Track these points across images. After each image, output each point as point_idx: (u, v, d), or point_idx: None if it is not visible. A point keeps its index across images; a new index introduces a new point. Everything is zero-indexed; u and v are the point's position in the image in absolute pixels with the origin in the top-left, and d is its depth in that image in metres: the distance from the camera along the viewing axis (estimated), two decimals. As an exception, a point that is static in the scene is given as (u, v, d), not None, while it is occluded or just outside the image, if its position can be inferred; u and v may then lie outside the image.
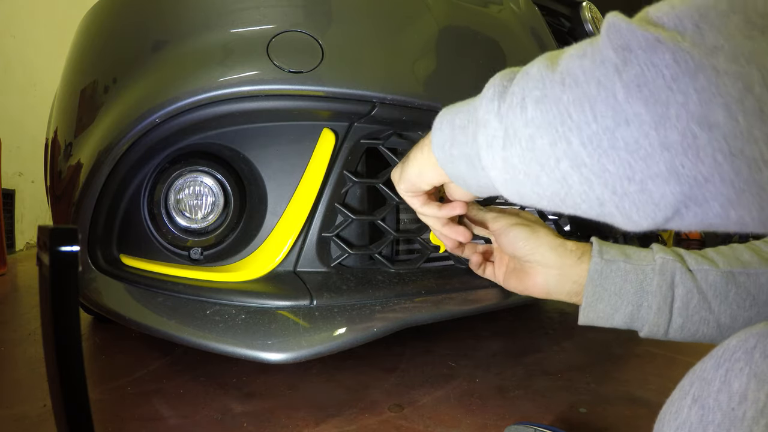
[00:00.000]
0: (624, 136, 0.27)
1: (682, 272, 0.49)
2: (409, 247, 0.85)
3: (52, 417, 0.39)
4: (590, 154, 0.29)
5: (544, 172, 0.32)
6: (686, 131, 0.25)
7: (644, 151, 0.27)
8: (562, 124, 0.30)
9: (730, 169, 0.25)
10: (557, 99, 0.30)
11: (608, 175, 0.29)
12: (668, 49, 0.25)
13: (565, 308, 1.48)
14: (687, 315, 0.48)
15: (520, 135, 0.32)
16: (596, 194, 0.30)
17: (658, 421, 0.33)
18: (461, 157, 0.40)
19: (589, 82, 0.28)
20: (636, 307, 0.50)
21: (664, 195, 0.27)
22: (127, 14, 0.75)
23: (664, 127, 0.26)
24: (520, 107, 0.32)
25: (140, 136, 0.64)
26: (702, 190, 0.26)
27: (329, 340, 0.63)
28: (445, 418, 0.73)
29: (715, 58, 0.24)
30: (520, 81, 0.33)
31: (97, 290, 0.67)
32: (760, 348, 0.28)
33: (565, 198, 0.32)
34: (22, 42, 2.92)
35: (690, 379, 0.31)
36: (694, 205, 0.27)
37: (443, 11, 0.78)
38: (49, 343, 0.37)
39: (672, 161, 0.26)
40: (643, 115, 0.26)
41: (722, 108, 0.24)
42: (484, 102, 0.36)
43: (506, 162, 0.34)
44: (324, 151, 0.71)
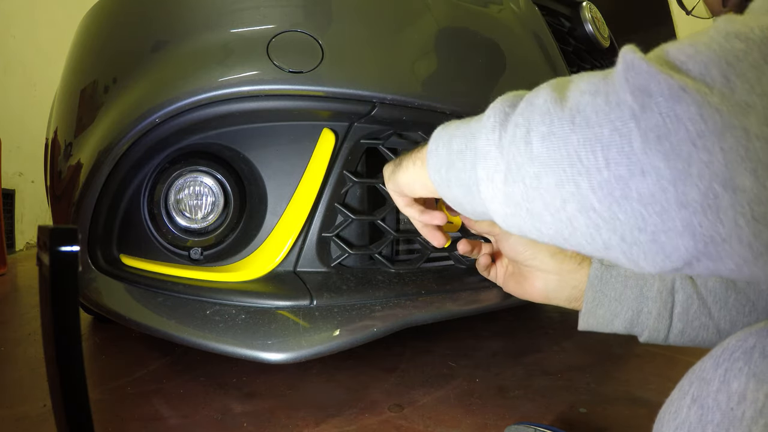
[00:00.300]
0: (639, 187, 0.25)
1: (682, 278, 0.49)
2: (409, 247, 0.85)
3: (52, 417, 0.39)
4: (600, 201, 0.27)
5: (548, 211, 0.30)
6: (708, 191, 0.23)
7: (660, 205, 0.25)
8: (570, 166, 0.28)
9: (750, 233, 0.23)
10: (566, 138, 0.28)
11: (618, 223, 0.27)
12: (694, 102, 0.23)
13: (565, 308, 1.48)
14: (687, 320, 0.49)
15: (524, 172, 0.30)
16: (603, 239, 0.28)
17: (658, 420, 0.33)
18: (458, 183, 0.38)
19: (602, 125, 0.26)
20: (636, 313, 0.51)
21: (677, 248, 0.25)
22: (127, 14, 0.75)
23: (684, 184, 0.24)
24: (525, 142, 0.30)
25: (140, 136, 0.64)
26: (717, 248, 0.24)
27: (329, 340, 0.63)
28: (445, 418, 0.73)
29: (746, 117, 0.22)
30: (525, 111, 0.31)
31: (97, 290, 0.67)
32: (759, 348, 0.28)
33: (569, 238, 0.30)
34: (22, 42, 2.92)
35: (689, 378, 0.31)
36: (706, 259, 0.25)
37: (443, 11, 0.78)
38: (49, 343, 0.37)
39: (689, 219, 0.24)
40: (662, 169, 0.24)
41: (750, 173, 0.22)
42: (485, 131, 0.34)
43: (508, 198, 0.32)
44: (324, 151, 0.71)
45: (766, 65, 0.22)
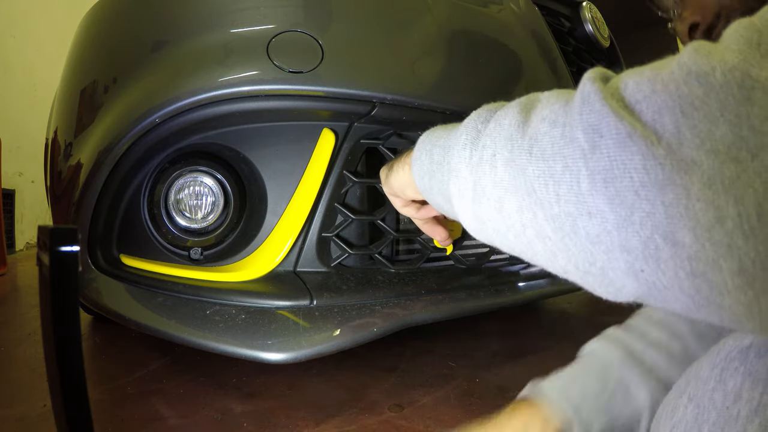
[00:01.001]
0: (585, 226, 0.25)
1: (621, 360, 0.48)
2: (409, 247, 0.85)
3: (52, 417, 0.39)
4: (554, 231, 0.27)
5: (511, 233, 0.31)
6: (649, 241, 0.23)
7: (605, 246, 0.25)
8: (528, 196, 0.28)
9: (691, 285, 0.23)
10: (524, 168, 0.28)
11: (571, 254, 0.27)
12: (639, 152, 0.23)
13: (565, 308, 1.48)
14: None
15: (489, 195, 0.31)
16: (561, 265, 0.29)
17: (655, 420, 0.34)
18: (439, 192, 0.39)
19: (556, 160, 0.26)
20: None
21: (624, 286, 0.26)
22: (127, 14, 0.75)
23: (626, 231, 0.24)
24: (490, 165, 0.31)
25: (140, 136, 0.64)
26: (661, 294, 0.24)
27: (329, 340, 0.63)
28: (445, 418, 0.73)
29: (689, 176, 0.22)
30: (492, 132, 0.31)
31: (97, 290, 0.67)
32: (754, 348, 0.28)
33: (533, 258, 0.31)
34: (22, 42, 2.92)
35: (686, 378, 0.32)
36: (654, 300, 0.26)
37: (443, 11, 0.78)
38: (49, 343, 0.37)
39: (632, 263, 0.24)
40: (606, 213, 0.24)
41: (689, 231, 0.22)
42: (457, 149, 0.34)
43: (476, 216, 0.33)
44: (324, 151, 0.71)
45: (720, 118, 0.21)
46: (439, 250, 0.80)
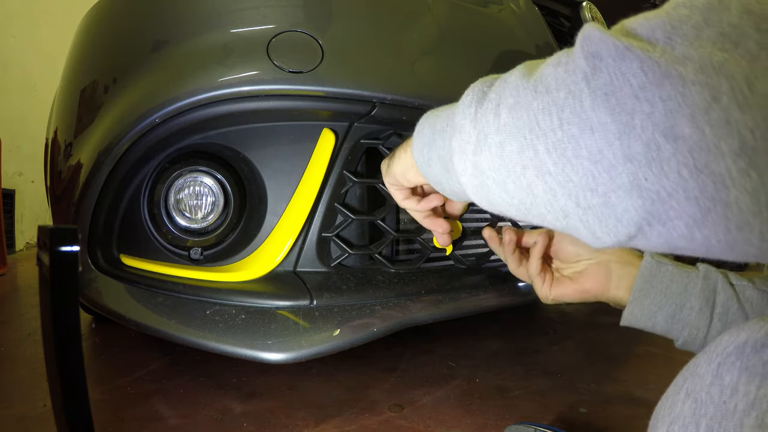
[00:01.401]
0: (588, 144, 0.26)
1: (723, 282, 0.51)
2: (409, 247, 0.85)
3: (52, 417, 0.39)
4: (555, 163, 0.28)
5: (510, 179, 0.32)
6: (651, 142, 0.24)
7: (607, 161, 0.26)
8: (530, 132, 0.29)
9: (695, 185, 0.23)
10: (528, 106, 0.30)
11: (572, 185, 0.28)
12: (637, 58, 0.24)
13: (565, 308, 1.48)
14: (726, 321, 0.50)
15: (491, 141, 0.32)
16: (560, 205, 0.29)
17: (654, 416, 0.34)
18: (437, 160, 0.40)
19: (560, 90, 0.28)
20: (679, 307, 0.52)
21: (627, 210, 0.26)
22: (127, 14, 0.75)
23: (629, 137, 0.25)
24: (494, 114, 0.32)
25: (140, 136, 0.64)
26: (665, 206, 0.25)
27: (329, 340, 0.63)
28: (445, 418, 0.73)
29: (683, 66, 0.23)
30: (498, 88, 0.33)
31: (97, 290, 0.67)
32: (750, 342, 0.28)
33: (531, 207, 0.32)
34: (22, 42, 2.92)
35: (684, 374, 0.32)
36: (657, 223, 0.26)
37: (443, 11, 0.78)
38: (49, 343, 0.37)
39: (635, 173, 0.25)
40: (609, 123, 0.25)
41: (688, 119, 0.23)
42: (462, 107, 0.36)
43: (476, 167, 0.34)
44: (324, 151, 0.71)
45: (705, 26, 0.24)
46: (439, 250, 0.80)
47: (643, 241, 0.28)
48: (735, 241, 0.24)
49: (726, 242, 0.25)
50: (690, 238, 0.25)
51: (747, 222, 0.23)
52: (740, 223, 0.24)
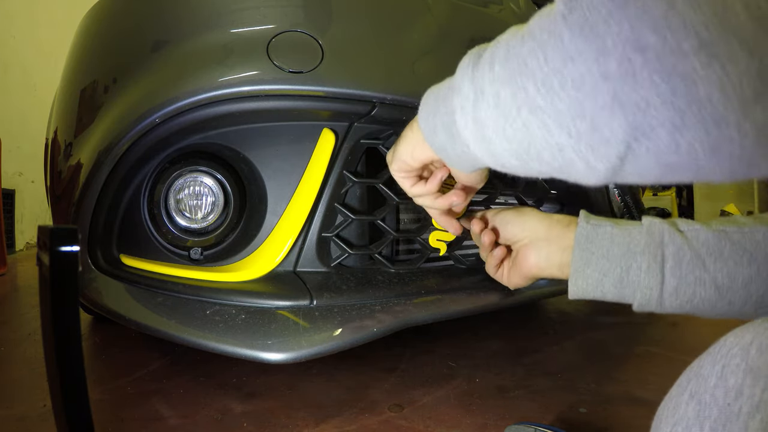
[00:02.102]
0: (571, 72, 0.29)
1: (670, 232, 0.47)
2: (409, 247, 0.85)
3: (52, 417, 0.39)
4: (543, 97, 0.31)
5: (507, 123, 0.34)
6: (623, 58, 0.27)
7: (589, 85, 0.28)
8: (520, 75, 0.32)
9: (668, 88, 0.25)
10: (518, 53, 0.32)
11: (561, 116, 0.30)
12: None
13: (565, 308, 1.48)
14: (680, 275, 0.46)
15: (487, 92, 0.35)
16: (555, 139, 0.31)
17: (657, 417, 0.34)
18: (442, 126, 0.42)
19: (542, 33, 0.31)
20: (625, 270, 0.49)
21: (613, 129, 0.28)
22: (127, 14, 0.75)
23: (604, 57, 0.27)
24: (489, 68, 0.35)
25: (140, 136, 0.64)
26: (646, 116, 0.27)
27: (329, 340, 0.63)
28: (445, 418, 0.73)
29: None
30: (491, 47, 0.36)
31: (97, 290, 0.67)
32: (756, 343, 0.28)
33: (529, 149, 0.34)
34: (22, 42, 2.92)
35: (687, 375, 0.32)
36: (642, 137, 0.28)
37: (443, 11, 0.78)
38: (49, 343, 0.37)
39: (614, 89, 0.27)
40: (585, 51, 0.28)
41: (651, 29, 0.25)
42: (460, 70, 0.39)
43: (476, 121, 0.37)
44: (324, 151, 0.71)
45: None
46: (435, 249, 0.80)
47: (634, 164, 0.29)
48: (716, 141, 0.26)
49: (709, 145, 0.26)
50: (676, 148, 0.27)
51: (722, 116, 0.25)
52: (716, 117, 0.25)
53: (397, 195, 0.75)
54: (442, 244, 0.74)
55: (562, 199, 1.00)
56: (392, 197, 0.75)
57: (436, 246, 0.78)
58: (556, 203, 1.00)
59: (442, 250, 0.78)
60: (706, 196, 4.16)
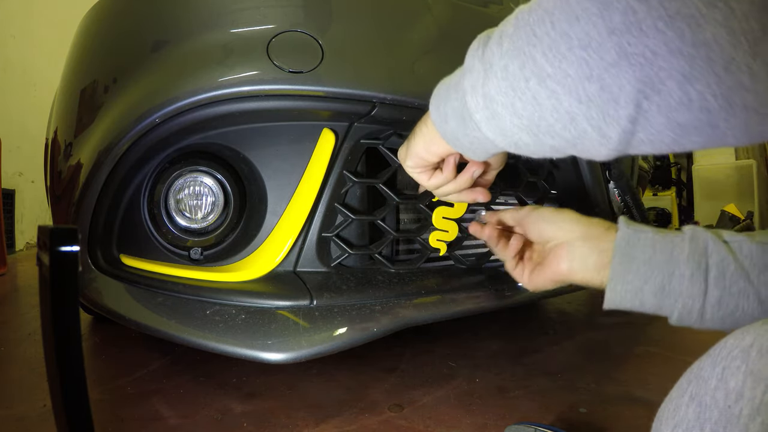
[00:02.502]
0: (576, 32, 0.29)
1: (714, 241, 0.45)
2: (409, 247, 0.85)
3: (52, 417, 0.39)
4: (551, 63, 0.31)
5: (516, 95, 0.34)
6: (626, 9, 0.27)
7: (595, 42, 0.28)
8: (527, 44, 0.32)
9: (674, 34, 0.25)
10: (526, 23, 0.33)
11: (570, 80, 0.30)
12: None
13: (565, 308, 1.48)
14: (724, 286, 0.43)
15: (496, 68, 0.35)
16: (565, 107, 0.31)
17: (657, 418, 0.34)
18: (453, 113, 0.42)
19: (548, 2, 0.31)
20: (668, 276, 0.45)
21: (622, 86, 0.28)
22: (127, 14, 0.75)
23: (608, 11, 0.28)
24: (497, 45, 0.35)
25: (140, 136, 0.64)
26: (654, 67, 0.27)
27: (329, 340, 0.63)
28: (445, 418, 0.73)
29: None
30: (500, 27, 0.37)
31: (97, 290, 0.67)
32: (756, 346, 0.28)
33: (539, 121, 0.34)
34: (22, 42, 2.92)
35: (688, 377, 0.32)
36: (652, 92, 0.27)
37: (443, 11, 0.78)
38: (49, 343, 0.37)
39: (620, 43, 0.27)
40: (590, 7, 0.28)
41: None
42: (470, 53, 0.39)
43: (486, 97, 0.37)
44: (324, 151, 0.71)
45: None
46: (436, 249, 0.80)
47: (647, 127, 0.29)
48: (728, 90, 0.25)
49: (722, 94, 0.26)
50: (688, 102, 0.26)
51: (731, 58, 0.25)
52: (725, 60, 0.25)
53: (397, 195, 0.75)
54: (442, 244, 0.74)
55: (561, 200, 1.00)
56: (392, 197, 0.75)
57: (437, 246, 0.78)
58: (556, 203, 1.00)
59: (442, 250, 0.78)
60: (706, 196, 4.15)
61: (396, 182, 0.81)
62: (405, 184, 0.81)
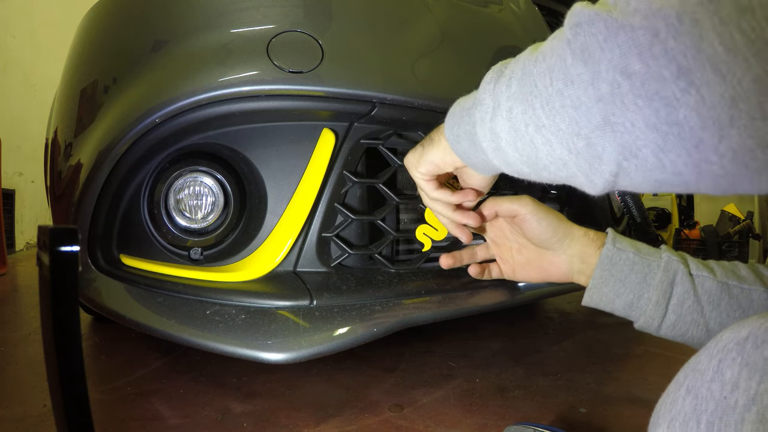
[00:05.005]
0: (570, 94, 0.32)
1: (683, 273, 0.52)
2: (409, 247, 0.85)
3: (52, 417, 0.39)
4: (547, 116, 0.34)
5: (518, 137, 0.37)
6: (613, 82, 0.29)
7: (585, 106, 0.31)
8: (530, 93, 0.35)
9: (651, 111, 0.28)
10: (530, 73, 0.36)
11: (561, 133, 0.34)
12: (602, 19, 0.30)
13: (565, 308, 1.48)
14: (680, 313, 0.52)
15: (503, 107, 0.38)
16: (557, 154, 0.35)
17: (654, 413, 0.34)
18: (464, 135, 0.45)
19: (552, 56, 0.34)
20: (637, 297, 0.54)
21: (605, 147, 0.31)
22: (127, 14, 0.75)
23: (598, 81, 0.30)
24: (506, 85, 0.38)
25: (140, 136, 0.64)
26: (632, 137, 0.30)
27: (329, 340, 0.63)
28: (445, 418, 0.73)
29: (633, 17, 0.28)
30: (511, 65, 0.39)
31: (97, 290, 0.67)
32: (751, 338, 0.28)
33: (536, 161, 0.37)
34: (21, 42, 2.92)
35: (684, 371, 0.32)
36: (631, 156, 0.30)
37: (443, 11, 0.78)
38: (49, 343, 0.37)
39: (605, 111, 0.30)
40: (583, 74, 0.31)
41: (637, 57, 0.28)
42: (484, 85, 0.42)
43: (492, 132, 0.40)
44: (324, 151, 0.71)
45: None
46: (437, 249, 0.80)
47: (627, 180, 0.32)
48: (698, 161, 0.28)
49: (692, 164, 0.28)
50: (662, 167, 0.29)
51: (701, 139, 0.27)
52: (695, 140, 0.27)
53: (397, 195, 0.75)
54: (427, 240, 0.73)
55: (562, 199, 1.00)
56: (392, 197, 0.75)
57: (422, 240, 0.77)
58: (556, 203, 1.00)
59: (426, 245, 0.77)
60: (707, 197, 4.15)
61: (396, 182, 0.81)
62: (405, 184, 0.81)
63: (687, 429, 0.29)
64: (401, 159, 0.75)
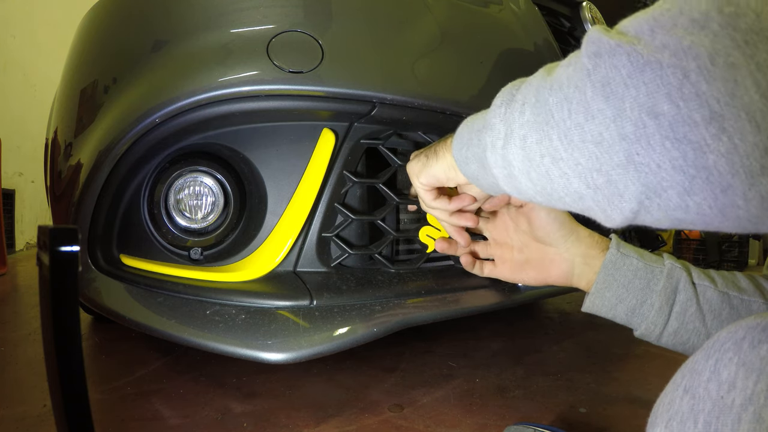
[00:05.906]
0: (591, 129, 0.31)
1: (686, 281, 0.52)
2: (409, 247, 0.85)
3: (52, 417, 0.39)
4: (565, 149, 0.33)
5: (532, 167, 0.36)
6: (638, 121, 0.28)
7: (606, 142, 0.30)
8: (546, 124, 0.34)
9: (679, 154, 0.27)
10: (545, 102, 0.34)
11: (580, 168, 0.32)
12: (625, 52, 0.28)
13: (565, 308, 1.48)
14: (683, 321, 0.52)
15: (516, 135, 0.37)
16: (574, 188, 0.34)
17: (652, 413, 0.34)
18: (474, 157, 0.44)
19: (570, 86, 0.32)
20: (639, 303, 0.53)
21: (627, 185, 0.30)
22: (127, 14, 0.75)
23: (621, 119, 0.29)
24: (519, 112, 0.37)
25: (140, 136, 0.64)
26: (657, 177, 0.28)
27: (329, 340, 0.63)
28: (445, 418, 0.73)
29: (661, 54, 0.27)
30: (523, 90, 0.38)
31: (97, 290, 0.67)
32: (748, 339, 0.29)
33: (551, 192, 0.36)
34: (21, 42, 2.92)
35: (682, 371, 0.32)
36: (654, 195, 0.29)
37: (443, 11, 0.78)
38: (49, 343, 0.37)
39: (629, 150, 0.29)
40: (605, 110, 0.30)
41: (665, 97, 0.27)
42: (494, 108, 0.41)
43: (504, 159, 0.39)
44: (324, 151, 0.71)
45: (680, 15, 0.27)
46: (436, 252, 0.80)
47: (647, 216, 0.31)
48: (724, 205, 0.27)
49: (717, 208, 0.27)
50: (685, 208, 0.28)
51: (729, 184, 0.26)
52: (723, 185, 0.26)
53: (397, 195, 0.75)
54: (431, 241, 0.74)
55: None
56: (392, 197, 0.75)
57: (425, 242, 0.77)
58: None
59: (430, 246, 0.77)
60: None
61: (396, 182, 0.81)
62: (405, 184, 0.81)
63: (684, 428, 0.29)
64: (401, 159, 0.75)
